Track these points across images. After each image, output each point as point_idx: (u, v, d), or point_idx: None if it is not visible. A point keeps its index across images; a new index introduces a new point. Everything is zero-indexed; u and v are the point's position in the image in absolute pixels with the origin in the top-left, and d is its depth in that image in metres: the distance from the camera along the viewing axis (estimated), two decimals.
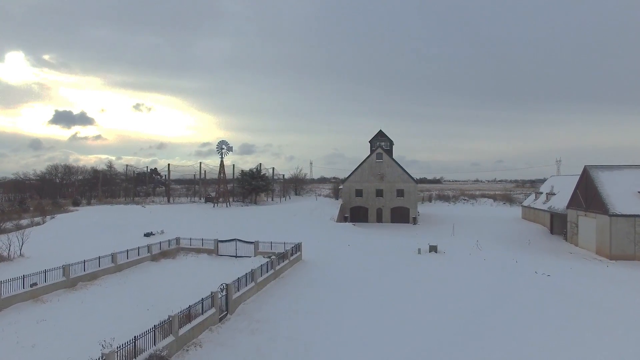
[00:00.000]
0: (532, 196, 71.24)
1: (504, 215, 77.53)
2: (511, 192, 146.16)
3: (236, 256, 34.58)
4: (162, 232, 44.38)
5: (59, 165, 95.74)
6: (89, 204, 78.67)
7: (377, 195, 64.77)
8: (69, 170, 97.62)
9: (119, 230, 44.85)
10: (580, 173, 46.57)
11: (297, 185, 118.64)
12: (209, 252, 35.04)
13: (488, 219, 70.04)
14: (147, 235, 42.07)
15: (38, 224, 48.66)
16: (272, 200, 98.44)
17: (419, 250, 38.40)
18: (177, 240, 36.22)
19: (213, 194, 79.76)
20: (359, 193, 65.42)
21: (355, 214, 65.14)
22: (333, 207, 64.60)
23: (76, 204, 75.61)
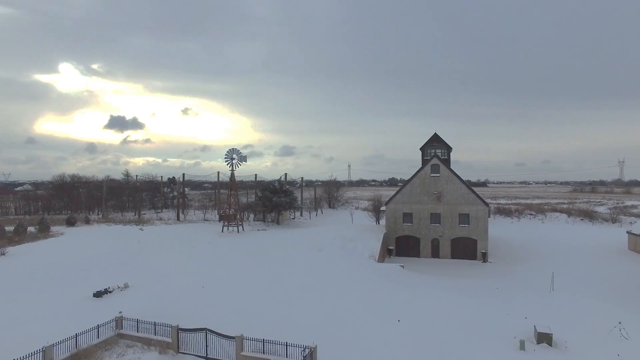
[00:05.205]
0: None
1: (599, 241, 58.87)
2: (577, 199, 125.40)
3: (206, 357, 20.23)
4: (126, 286, 30.84)
5: (65, 174, 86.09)
6: (87, 222, 67.84)
7: (433, 221, 48.44)
8: (78, 180, 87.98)
9: (67, 282, 31.72)
10: None
11: (330, 195, 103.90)
12: (163, 347, 20.86)
13: (582, 251, 51.98)
14: (97, 295, 28.61)
15: None
16: (301, 215, 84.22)
17: (522, 343, 22.33)
18: (119, 322, 22.29)
19: (231, 212, 66.28)
20: (407, 218, 49.35)
21: (402, 246, 49.21)
22: (373, 235, 48.98)
23: (71, 223, 64.82)
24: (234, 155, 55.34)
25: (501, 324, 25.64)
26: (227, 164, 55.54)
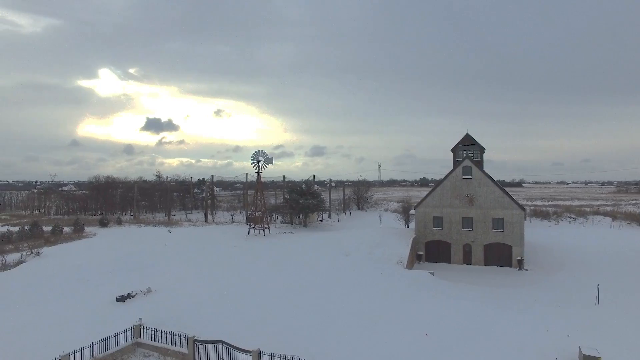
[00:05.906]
0: None
1: None
2: (622, 201, 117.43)
3: None
4: (149, 291, 30.79)
5: (100, 176, 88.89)
6: (119, 223, 69.52)
7: (464, 226, 46.20)
8: (112, 181, 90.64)
9: (93, 285, 32.07)
10: None
11: (359, 197, 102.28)
12: (179, 357, 20.34)
13: (630, 259, 47.59)
14: (120, 300, 28.65)
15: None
16: (329, 217, 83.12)
17: None
18: (137, 330, 21.99)
19: (258, 214, 65.98)
20: (437, 222, 47.31)
21: (432, 251, 47.22)
22: (401, 240, 47.25)
23: (103, 224, 66.57)
24: (260, 157, 54.97)
25: (540, 342, 23.61)
26: (254, 166, 55.29)
